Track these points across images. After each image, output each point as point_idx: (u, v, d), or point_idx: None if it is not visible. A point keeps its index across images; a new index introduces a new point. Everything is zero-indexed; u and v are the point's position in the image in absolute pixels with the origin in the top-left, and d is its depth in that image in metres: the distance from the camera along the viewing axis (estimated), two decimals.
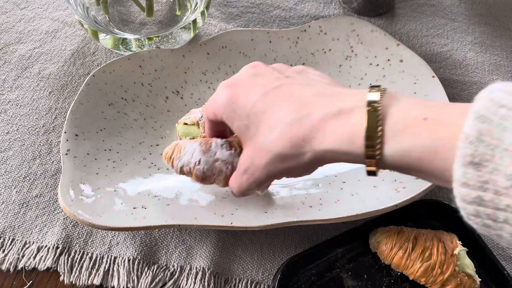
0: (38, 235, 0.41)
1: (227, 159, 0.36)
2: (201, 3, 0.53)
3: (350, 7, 0.61)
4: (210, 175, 0.37)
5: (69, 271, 0.40)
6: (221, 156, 0.36)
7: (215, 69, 0.50)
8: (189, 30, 0.54)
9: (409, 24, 0.60)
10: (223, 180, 0.37)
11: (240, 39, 0.51)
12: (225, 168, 0.36)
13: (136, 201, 0.40)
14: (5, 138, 0.47)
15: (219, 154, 0.36)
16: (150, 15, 0.53)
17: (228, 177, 0.36)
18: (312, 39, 0.51)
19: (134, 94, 0.48)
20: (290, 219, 0.38)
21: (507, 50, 0.57)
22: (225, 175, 0.37)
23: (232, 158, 0.36)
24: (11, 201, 0.43)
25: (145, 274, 0.40)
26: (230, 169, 0.36)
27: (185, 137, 0.44)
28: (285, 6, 0.61)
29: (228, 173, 0.36)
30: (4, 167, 0.45)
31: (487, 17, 0.61)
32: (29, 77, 0.53)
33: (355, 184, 0.42)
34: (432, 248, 0.37)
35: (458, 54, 0.57)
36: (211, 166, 0.36)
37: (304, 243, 0.42)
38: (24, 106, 0.50)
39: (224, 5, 0.61)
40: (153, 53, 0.48)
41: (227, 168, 0.36)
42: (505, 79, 0.54)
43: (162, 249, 0.41)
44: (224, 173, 0.36)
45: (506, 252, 0.41)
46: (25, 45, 0.56)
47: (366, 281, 0.39)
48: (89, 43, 0.56)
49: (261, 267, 0.40)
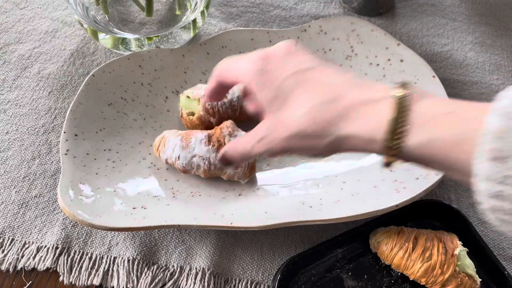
0: (38, 235, 0.41)
1: (204, 155, 0.40)
2: (201, 3, 0.53)
3: (350, 7, 0.61)
4: (190, 169, 0.41)
5: (69, 271, 0.39)
6: (198, 152, 0.40)
7: None
8: (189, 30, 0.54)
9: (409, 24, 0.60)
10: (202, 173, 0.41)
11: (240, 39, 0.51)
12: (202, 163, 0.41)
13: (136, 201, 0.40)
14: (5, 138, 0.47)
15: (197, 150, 0.40)
16: (150, 15, 0.53)
17: (206, 171, 0.41)
18: (312, 39, 0.51)
19: (133, 94, 0.47)
20: (290, 219, 0.38)
21: (508, 50, 0.57)
22: (203, 169, 0.41)
23: (209, 154, 0.40)
24: (11, 201, 0.43)
25: (144, 274, 0.40)
26: (207, 164, 0.40)
27: (185, 109, 0.46)
28: (285, 6, 0.61)
29: (205, 167, 0.41)
30: (4, 167, 0.45)
31: (487, 17, 0.61)
32: (28, 77, 0.53)
33: (355, 184, 0.42)
34: (433, 248, 0.37)
35: (458, 54, 0.57)
36: (189, 161, 0.41)
37: (304, 243, 0.42)
38: (23, 106, 0.50)
39: (224, 4, 0.61)
40: (152, 53, 0.48)
41: (204, 163, 0.40)
42: (506, 79, 0.54)
43: (162, 249, 0.41)
44: (202, 168, 0.41)
45: (507, 252, 0.41)
46: (25, 45, 0.56)
47: (366, 282, 0.39)
48: (88, 43, 0.56)
49: (261, 267, 0.40)
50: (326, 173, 0.43)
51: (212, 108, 0.44)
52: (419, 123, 0.26)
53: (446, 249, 0.37)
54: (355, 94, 0.29)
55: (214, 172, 0.41)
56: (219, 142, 0.40)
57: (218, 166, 0.41)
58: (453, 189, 0.45)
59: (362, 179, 0.42)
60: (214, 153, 0.40)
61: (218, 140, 0.41)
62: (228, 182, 0.43)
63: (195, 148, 0.40)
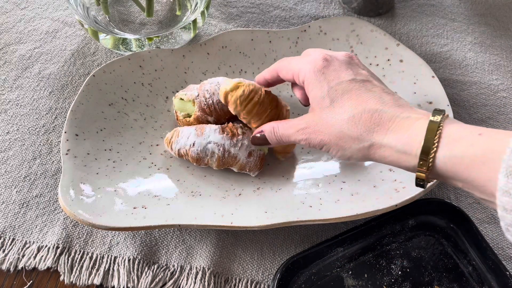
0: (38, 235, 0.41)
1: (219, 141, 0.41)
2: (201, 3, 0.53)
3: (350, 7, 0.61)
4: (204, 156, 0.42)
5: (69, 271, 0.40)
6: (213, 138, 0.41)
7: (215, 69, 0.50)
8: (189, 30, 0.54)
9: (409, 24, 0.60)
10: (216, 161, 0.42)
11: (240, 39, 0.51)
12: (217, 150, 0.41)
13: (136, 201, 0.40)
14: (6, 138, 0.48)
15: (212, 137, 0.41)
16: (150, 15, 0.53)
17: (220, 159, 0.41)
18: (312, 39, 0.51)
19: (134, 94, 0.48)
20: (290, 219, 0.38)
21: (507, 50, 0.57)
22: (217, 157, 0.41)
23: (224, 141, 0.41)
24: (12, 201, 0.43)
25: (145, 274, 0.40)
26: (222, 151, 0.41)
27: (180, 112, 0.46)
28: (285, 6, 0.61)
29: (220, 154, 0.41)
30: (5, 167, 0.45)
31: (487, 17, 0.61)
32: (29, 77, 0.53)
33: (355, 184, 0.42)
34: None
35: (458, 54, 0.57)
36: (204, 148, 0.41)
37: (304, 243, 0.42)
38: (24, 106, 0.50)
39: (224, 5, 0.61)
40: (153, 53, 0.49)
41: (219, 150, 0.41)
42: (505, 79, 0.54)
43: (162, 249, 0.41)
44: (216, 155, 0.41)
45: (506, 252, 0.41)
46: (26, 45, 0.56)
47: (366, 281, 0.39)
48: (89, 43, 0.56)
49: (261, 267, 0.41)
50: (326, 173, 0.44)
51: (209, 107, 0.44)
52: (449, 140, 0.28)
53: None
54: (397, 111, 0.32)
55: (227, 161, 0.42)
56: (232, 132, 0.42)
57: (232, 154, 0.41)
58: (453, 189, 0.45)
59: (362, 179, 0.42)
60: (229, 140, 0.41)
61: (231, 130, 0.42)
62: (228, 182, 0.43)
63: (209, 135, 0.41)
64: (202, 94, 0.44)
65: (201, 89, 0.44)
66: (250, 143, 0.42)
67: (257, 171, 0.43)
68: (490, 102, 0.52)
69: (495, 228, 0.43)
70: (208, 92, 0.44)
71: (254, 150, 0.42)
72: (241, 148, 0.41)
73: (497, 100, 0.52)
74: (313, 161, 0.45)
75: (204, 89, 0.44)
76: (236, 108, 0.40)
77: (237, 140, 0.42)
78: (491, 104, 0.52)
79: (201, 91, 0.44)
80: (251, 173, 0.43)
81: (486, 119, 0.51)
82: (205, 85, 0.44)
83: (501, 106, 0.52)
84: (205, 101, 0.44)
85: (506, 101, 0.52)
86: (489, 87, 0.53)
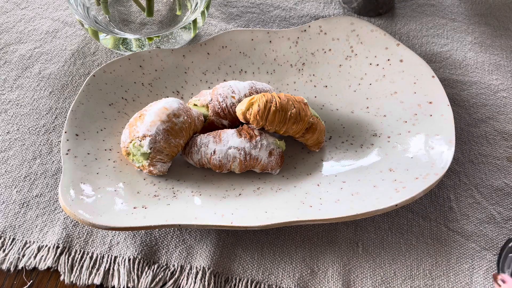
0: (39, 235, 0.42)
1: (239, 145, 0.41)
2: (201, 3, 0.53)
3: (350, 7, 0.61)
4: (226, 163, 0.42)
5: (70, 271, 0.40)
6: (233, 143, 0.41)
7: (215, 69, 0.50)
8: (189, 30, 0.54)
9: (409, 24, 0.60)
10: (238, 166, 0.42)
11: (240, 39, 0.51)
12: (238, 154, 0.41)
13: (137, 201, 0.40)
14: (6, 138, 0.48)
15: (231, 142, 0.41)
16: (150, 15, 0.53)
17: (242, 163, 0.41)
18: (312, 39, 0.51)
19: (134, 94, 0.48)
20: (290, 218, 0.38)
21: (507, 50, 0.57)
22: (239, 161, 0.41)
23: (243, 144, 0.41)
24: (12, 200, 0.43)
25: (145, 273, 0.40)
26: (243, 154, 0.41)
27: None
28: (285, 6, 0.61)
29: (241, 158, 0.41)
30: (5, 167, 0.46)
31: (487, 17, 0.61)
32: (29, 77, 0.53)
33: (355, 183, 0.42)
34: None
35: (458, 54, 0.57)
36: (225, 154, 0.41)
37: (305, 243, 0.42)
38: (24, 106, 0.50)
39: (224, 5, 0.61)
40: (153, 53, 0.49)
41: (240, 154, 0.41)
42: (505, 79, 0.54)
43: (163, 248, 0.41)
44: (238, 159, 0.41)
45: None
46: (26, 45, 0.56)
47: None
48: (89, 43, 0.56)
49: (261, 267, 0.41)
50: (326, 172, 0.44)
51: (223, 111, 0.44)
52: None
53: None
54: None
55: (249, 163, 0.42)
56: (249, 134, 0.42)
57: (254, 155, 0.42)
58: (453, 189, 0.45)
59: (362, 179, 0.42)
60: (248, 143, 0.41)
61: (248, 132, 0.42)
62: (228, 182, 0.43)
63: (229, 141, 0.41)
64: (216, 98, 0.44)
65: (214, 94, 0.45)
66: (269, 143, 0.42)
67: (278, 168, 0.43)
68: (490, 102, 0.52)
69: (495, 228, 0.43)
70: (221, 95, 0.44)
71: (274, 148, 0.42)
72: (261, 149, 0.42)
73: (497, 100, 0.52)
74: (313, 161, 0.45)
75: (217, 93, 0.44)
76: (258, 124, 0.41)
77: (256, 141, 0.42)
78: (491, 104, 0.52)
79: (214, 95, 0.44)
80: (273, 172, 0.43)
81: (486, 119, 0.51)
82: (218, 90, 0.45)
83: (501, 106, 0.52)
84: (219, 105, 0.44)
85: (506, 101, 0.52)
86: (489, 87, 0.53)
